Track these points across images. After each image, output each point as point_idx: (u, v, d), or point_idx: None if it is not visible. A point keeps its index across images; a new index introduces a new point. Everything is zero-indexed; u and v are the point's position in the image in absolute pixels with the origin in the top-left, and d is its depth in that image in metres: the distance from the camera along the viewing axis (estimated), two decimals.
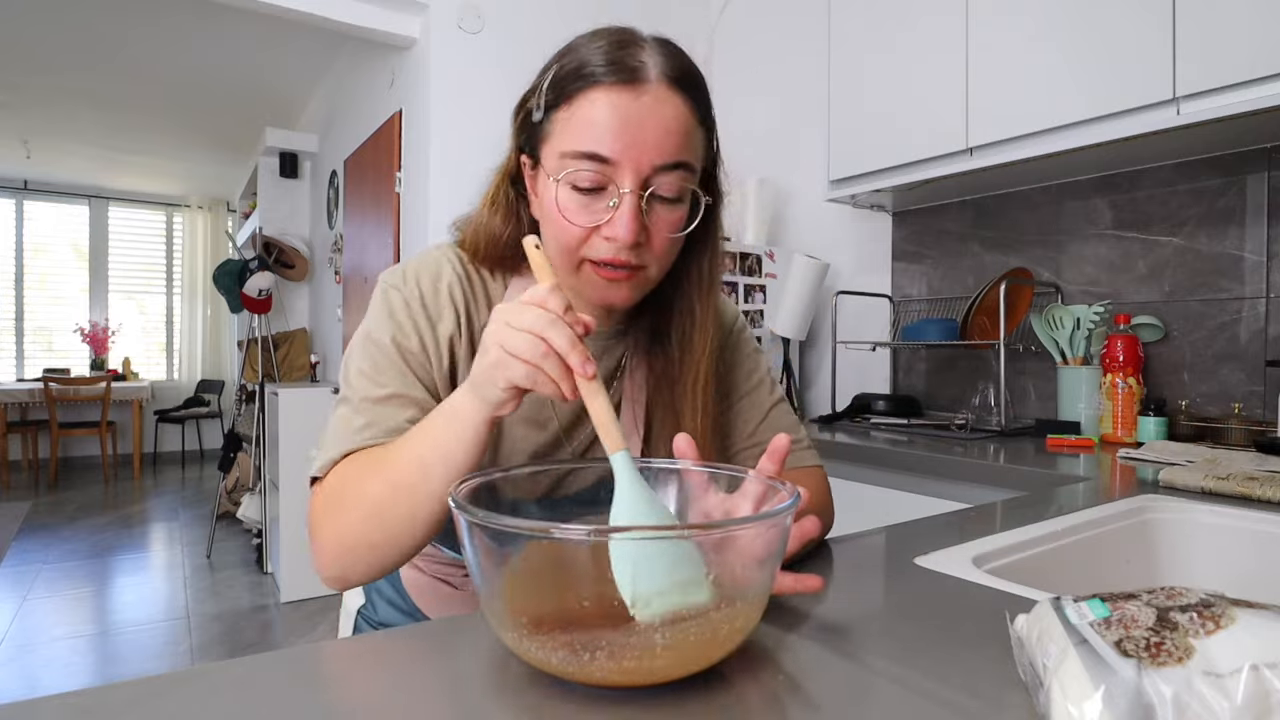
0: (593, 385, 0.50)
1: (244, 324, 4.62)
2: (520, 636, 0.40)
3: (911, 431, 1.80)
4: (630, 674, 0.38)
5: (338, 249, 3.61)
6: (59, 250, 6.75)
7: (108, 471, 6.06)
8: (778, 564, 0.44)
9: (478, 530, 0.40)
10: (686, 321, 0.73)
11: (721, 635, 0.40)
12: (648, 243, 0.64)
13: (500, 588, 0.41)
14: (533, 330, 0.50)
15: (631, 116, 0.61)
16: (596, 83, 0.62)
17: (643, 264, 0.65)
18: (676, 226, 0.65)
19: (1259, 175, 1.53)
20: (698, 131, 0.65)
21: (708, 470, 0.54)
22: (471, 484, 0.48)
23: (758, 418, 0.82)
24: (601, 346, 0.76)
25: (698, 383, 0.73)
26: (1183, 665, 0.30)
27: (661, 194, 0.63)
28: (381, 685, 0.42)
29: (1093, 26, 1.47)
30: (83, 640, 2.78)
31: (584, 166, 0.61)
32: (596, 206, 0.63)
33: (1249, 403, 1.53)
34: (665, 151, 0.62)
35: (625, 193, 0.61)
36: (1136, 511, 0.91)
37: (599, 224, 0.63)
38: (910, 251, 2.23)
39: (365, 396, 0.67)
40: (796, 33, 2.54)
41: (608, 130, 0.61)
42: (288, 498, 3.24)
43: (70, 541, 4.12)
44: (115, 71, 4.10)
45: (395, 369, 0.68)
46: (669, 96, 0.62)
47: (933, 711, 0.38)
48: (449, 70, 2.39)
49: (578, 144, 0.62)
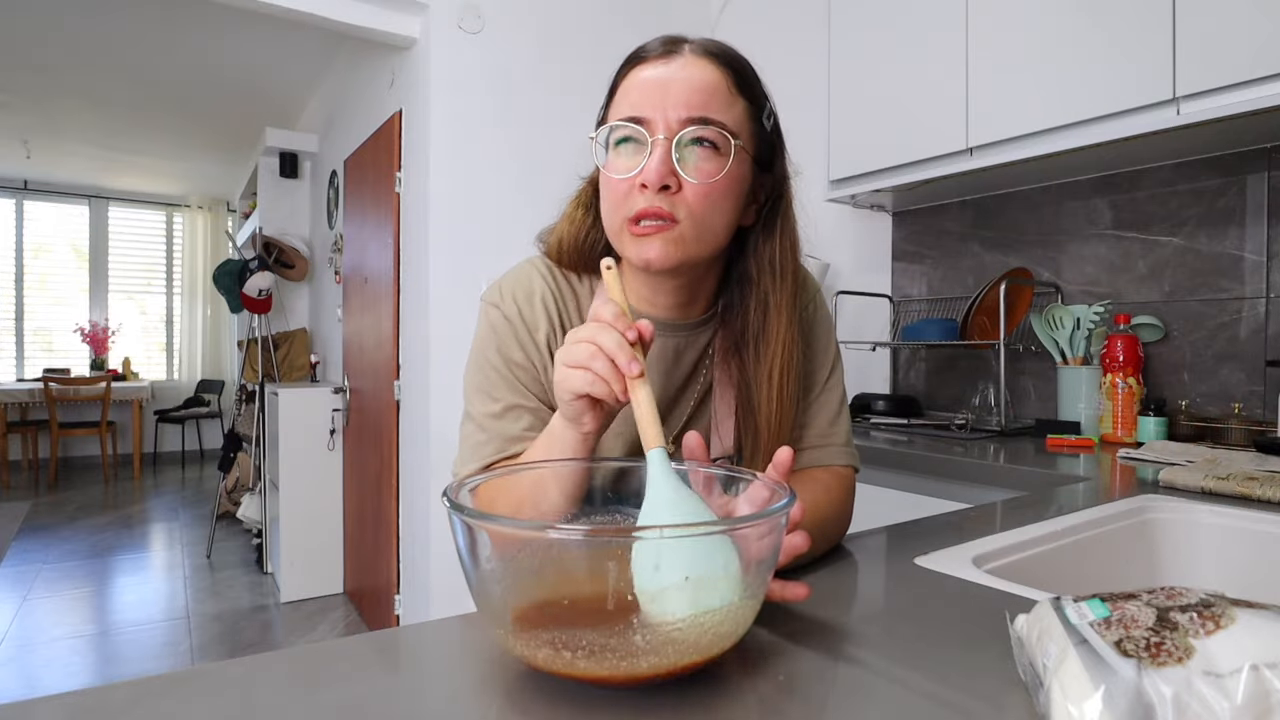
0: (638, 382, 0.53)
1: (244, 324, 4.62)
2: (507, 633, 0.41)
3: (911, 431, 1.80)
4: (614, 672, 0.38)
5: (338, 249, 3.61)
6: (59, 250, 6.75)
7: (108, 471, 6.07)
8: (770, 569, 0.43)
9: (466, 528, 0.40)
10: (760, 311, 0.74)
11: (705, 642, 0.40)
12: (679, 191, 0.66)
13: (490, 584, 0.41)
14: (584, 339, 0.54)
15: (662, 77, 0.66)
16: (638, 62, 0.68)
17: (675, 215, 0.66)
18: (710, 174, 0.66)
19: (1259, 175, 1.53)
20: (733, 98, 0.68)
21: (713, 472, 0.54)
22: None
23: (830, 415, 0.82)
24: (685, 339, 0.77)
25: (774, 373, 0.73)
26: (1183, 665, 0.30)
27: (692, 139, 0.65)
28: (381, 685, 0.42)
29: (1093, 26, 1.47)
30: (83, 640, 2.78)
31: (621, 126, 0.67)
32: (635, 162, 0.66)
33: (1249, 403, 1.53)
34: (692, 105, 0.65)
35: (656, 138, 0.65)
36: (1136, 511, 0.91)
37: (636, 175, 0.65)
38: (910, 251, 2.23)
39: (483, 412, 0.74)
40: (796, 32, 2.54)
41: (640, 91, 0.67)
42: (288, 497, 3.24)
43: (70, 541, 4.12)
44: (115, 71, 4.09)
45: (505, 382, 0.74)
46: (700, 61, 0.67)
47: (933, 711, 0.38)
48: (449, 70, 2.39)
49: (617, 113, 0.68)
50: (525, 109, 2.47)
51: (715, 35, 0.80)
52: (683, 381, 0.79)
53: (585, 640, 0.38)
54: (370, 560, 2.97)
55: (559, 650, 0.38)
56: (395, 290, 2.61)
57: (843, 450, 0.82)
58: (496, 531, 0.40)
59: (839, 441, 0.81)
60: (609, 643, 0.38)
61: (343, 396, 3.26)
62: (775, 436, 0.72)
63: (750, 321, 0.74)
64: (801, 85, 2.51)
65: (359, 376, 3.11)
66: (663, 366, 0.77)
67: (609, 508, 0.57)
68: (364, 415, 3.02)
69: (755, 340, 0.74)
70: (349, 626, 2.99)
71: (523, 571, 0.41)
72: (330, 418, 3.31)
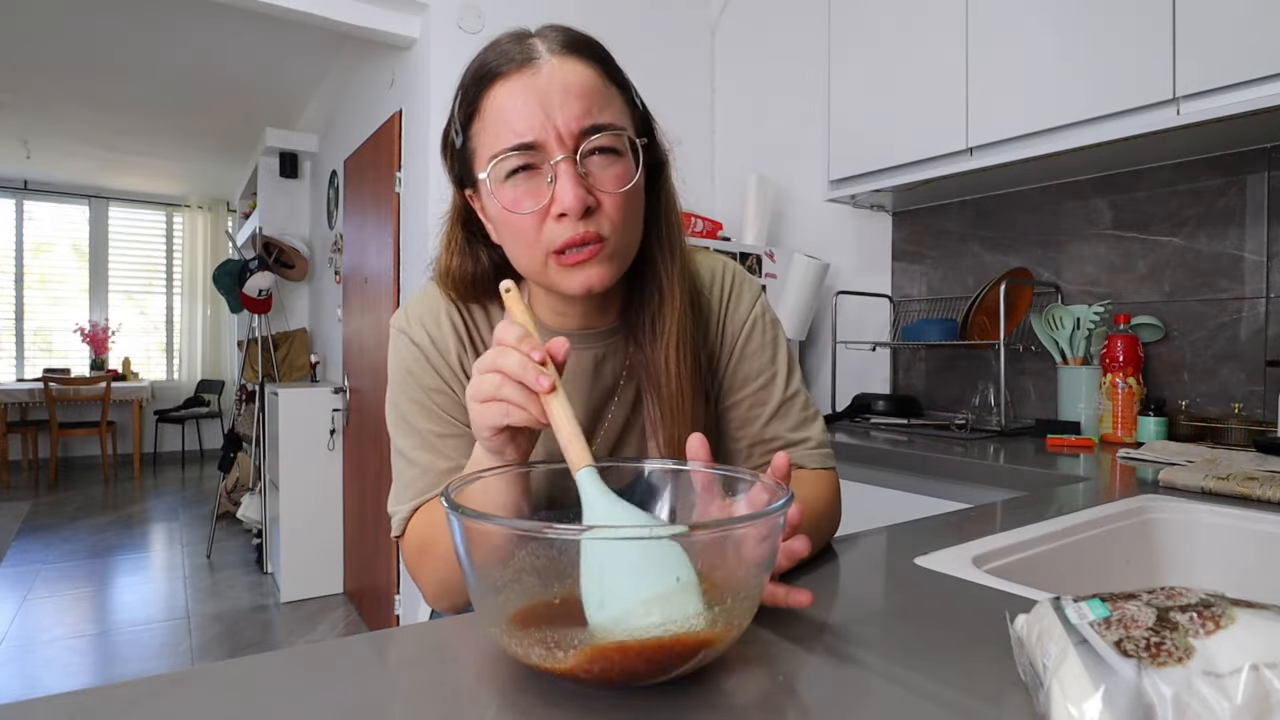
0: (551, 399, 0.50)
1: (244, 324, 4.62)
2: (502, 631, 0.41)
3: (911, 431, 1.80)
4: (602, 675, 0.38)
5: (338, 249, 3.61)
6: (59, 250, 6.76)
7: (108, 471, 6.07)
8: (766, 572, 0.42)
9: (469, 527, 0.41)
10: (655, 291, 0.71)
11: (687, 645, 0.39)
12: (599, 208, 0.62)
13: (487, 584, 0.42)
14: (488, 368, 0.52)
15: (534, 91, 0.60)
16: (495, 78, 0.62)
17: (601, 233, 0.62)
18: (623, 180, 0.63)
19: (1259, 175, 1.53)
20: (611, 91, 0.64)
21: (713, 473, 0.53)
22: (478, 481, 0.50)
23: (767, 413, 0.78)
24: (604, 347, 0.74)
25: (670, 351, 0.69)
26: (1183, 665, 0.30)
27: (593, 149, 0.62)
28: (381, 685, 0.42)
29: (1093, 26, 1.47)
30: (82, 640, 2.78)
31: (510, 156, 0.61)
32: (538, 192, 0.62)
33: (1249, 403, 1.53)
34: (579, 112, 0.61)
35: (557, 161, 0.60)
36: (1136, 511, 0.91)
37: (546, 205, 0.62)
38: (910, 251, 2.23)
39: (408, 445, 0.72)
40: (796, 32, 2.54)
41: (517, 114, 0.61)
42: (288, 497, 3.24)
43: (70, 541, 4.12)
44: (115, 72, 4.09)
45: (425, 412, 0.72)
46: (566, 63, 0.62)
47: (933, 712, 0.38)
48: (449, 70, 2.39)
49: (498, 142, 0.62)
50: None
51: (715, 36, 0.77)
52: (608, 391, 0.75)
53: (577, 639, 0.39)
54: (370, 560, 2.97)
55: (551, 650, 0.39)
56: (395, 290, 2.61)
57: (816, 453, 0.79)
58: (492, 531, 0.40)
59: (812, 445, 0.79)
60: (594, 640, 0.39)
61: (343, 396, 3.26)
62: (680, 419, 0.69)
63: (647, 305, 0.71)
64: (802, 84, 2.51)
65: (359, 376, 3.11)
66: (584, 380, 0.74)
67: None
68: (364, 415, 3.02)
69: (652, 322, 0.71)
70: (349, 626, 2.99)
71: (516, 571, 0.41)
72: (330, 418, 3.31)
